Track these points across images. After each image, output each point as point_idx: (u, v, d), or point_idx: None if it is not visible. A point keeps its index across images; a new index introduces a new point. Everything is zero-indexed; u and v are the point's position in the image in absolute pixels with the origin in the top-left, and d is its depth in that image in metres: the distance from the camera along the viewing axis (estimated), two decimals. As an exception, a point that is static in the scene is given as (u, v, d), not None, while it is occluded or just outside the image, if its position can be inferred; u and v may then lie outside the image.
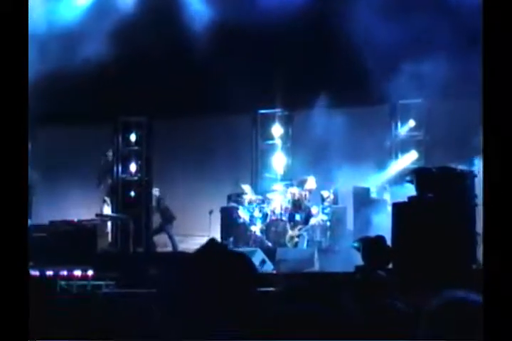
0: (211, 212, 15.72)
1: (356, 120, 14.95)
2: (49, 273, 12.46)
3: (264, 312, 2.02)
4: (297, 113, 16.97)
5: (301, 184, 15.45)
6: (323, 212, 15.08)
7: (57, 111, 15.71)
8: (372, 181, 15.28)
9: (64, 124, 16.92)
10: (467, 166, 11.00)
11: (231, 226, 15.34)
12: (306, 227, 14.92)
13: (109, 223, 15.93)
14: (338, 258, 12.82)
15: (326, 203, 15.18)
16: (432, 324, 2.46)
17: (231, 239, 15.14)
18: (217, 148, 16.70)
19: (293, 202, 15.18)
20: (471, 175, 10.28)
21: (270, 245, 14.71)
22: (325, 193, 15.23)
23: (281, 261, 13.51)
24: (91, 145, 16.78)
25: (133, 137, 16.75)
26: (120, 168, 16.67)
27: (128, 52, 15.07)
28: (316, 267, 13.50)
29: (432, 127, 15.39)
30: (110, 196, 16.75)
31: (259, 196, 15.60)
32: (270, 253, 13.72)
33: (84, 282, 12.24)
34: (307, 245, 14.70)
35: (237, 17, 14.37)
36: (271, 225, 15.06)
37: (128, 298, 7.91)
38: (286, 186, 15.62)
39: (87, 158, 16.71)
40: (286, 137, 17.05)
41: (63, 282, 11.73)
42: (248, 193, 15.62)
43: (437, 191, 9.70)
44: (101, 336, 3.84)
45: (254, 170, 17.12)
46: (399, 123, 16.22)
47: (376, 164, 15.54)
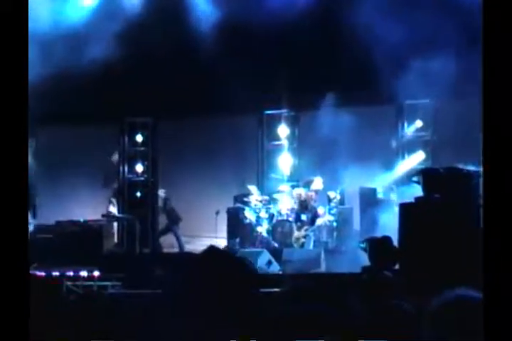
0: (217, 213, 15.70)
1: (363, 120, 14.90)
2: (55, 273, 12.47)
3: (267, 313, 2.00)
4: (303, 113, 16.92)
5: (307, 184, 15.43)
6: (329, 213, 15.05)
7: (63, 111, 15.72)
8: (378, 181, 15.25)
9: (70, 124, 16.92)
10: (474, 166, 10.95)
11: (237, 226, 15.33)
12: (313, 228, 14.89)
13: (115, 223, 15.94)
14: (345, 258, 12.79)
15: (333, 204, 15.15)
16: (433, 323, 2.44)
17: (237, 240, 15.13)
18: (223, 149, 16.68)
19: (299, 203, 15.15)
20: (478, 176, 10.23)
21: (276, 246, 14.69)
22: (331, 194, 15.20)
23: (287, 262, 13.49)
24: (97, 145, 16.78)
25: (139, 138, 16.76)
26: (126, 169, 16.68)
27: (134, 52, 15.07)
28: (323, 268, 13.48)
29: (439, 127, 15.34)
30: (116, 196, 16.76)
31: (265, 197, 15.57)
32: (276, 253, 13.70)
33: (90, 282, 12.24)
34: (313, 246, 14.67)
35: (242, 17, 14.35)
36: (277, 226, 15.03)
37: (134, 299, 7.89)
38: (292, 187, 15.59)
39: (93, 159, 16.70)
40: (292, 138, 17.01)
41: (69, 283, 11.73)
42: (254, 194, 15.59)
43: (444, 191, 9.65)
44: (106, 336, 3.81)
45: (260, 171, 17.09)
46: (406, 123, 16.18)
47: (383, 164, 15.51)
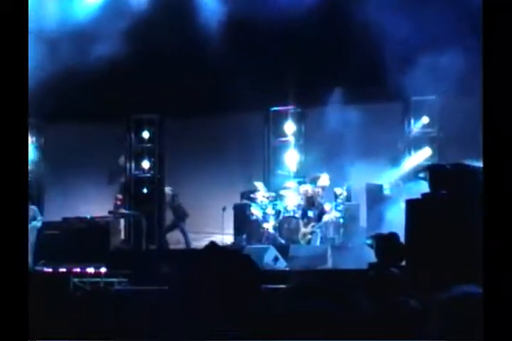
0: (224, 210, 15.70)
1: (369, 117, 14.87)
2: (62, 270, 12.52)
3: (271, 309, 2.00)
4: (310, 110, 16.91)
5: (314, 181, 15.41)
6: (336, 209, 15.03)
7: (70, 108, 15.75)
8: (385, 178, 15.22)
9: (77, 122, 16.94)
10: (481, 163, 10.92)
11: (244, 223, 15.33)
12: (319, 224, 14.89)
13: (121, 220, 15.96)
14: (351, 255, 12.77)
15: (339, 200, 15.13)
16: (439, 319, 2.44)
17: (244, 236, 15.13)
18: (229, 146, 16.67)
19: (306, 199, 15.14)
20: (485, 172, 10.20)
21: (283, 242, 14.69)
22: (338, 190, 15.18)
23: (294, 258, 13.48)
24: (104, 142, 16.80)
25: (146, 134, 16.79)
26: (133, 165, 16.71)
27: (140, 49, 15.08)
28: (329, 264, 13.47)
29: (446, 124, 15.31)
30: (123, 193, 16.79)
31: (272, 193, 15.56)
32: (283, 250, 13.70)
33: (97, 279, 12.27)
34: (320, 242, 14.66)
35: (249, 13, 14.33)
36: (284, 222, 15.03)
37: (140, 295, 7.91)
38: (299, 183, 15.59)
39: (100, 156, 16.72)
40: (299, 134, 16.99)
41: (76, 279, 11.76)
42: (261, 190, 15.58)
43: (451, 188, 9.63)
44: (113, 333, 3.83)
45: (266, 168, 17.08)
46: (412, 119, 16.14)
47: (389, 161, 15.48)
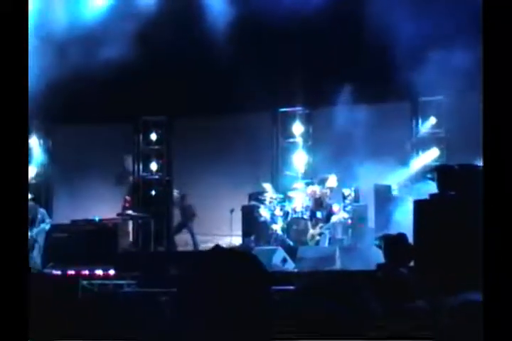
0: (232, 211, 15.69)
1: (377, 117, 14.86)
2: (71, 272, 12.53)
3: (281, 310, 2.00)
4: (318, 111, 16.91)
5: (322, 182, 15.39)
6: (344, 210, 15.01)
7: (78, 111, 15.79)
8: (393, 179, 15.20)
9: (85, 124, 16.97)
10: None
11: (252, 224, 15.32)
12: (328, 225, 14.86)
13: (130, 222, 15.97)
14: (360, 256, 12.75)
15: (348, 201, 15.11)
16: (452, 321, 2.44)
17: (252, 238, 15.12)
18: (237, 147, 16.66)
19: (314, 200, 15.12)
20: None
21: (291, 243, 14.68)
22: (346, 191, 15.16)
23: (302, 260, 13.47)
24: (112, 144, 16.83)
25: (154, 136, 16.81)
26: (141, 167, 16.73)
27: (148, 51, 15.11)
28: (338, 265, 13.45)
29: (454, 124, 15.27)
30: (131, 195, 16.81)
31: (280, 194, 15.56)
32: (291, 251, 13.69)
33: (105, 281, 12.28)
34: (328, 243, 14.64)
35: (257, 15, 14.35)
36: (292, 223, 15.02)
37: (149, 298, 7.91)
38: (307, 184, 15.57)
39: (108, 158, 16.75)
40: (307, 135, 17.00)
41: (85, 281, 11.78)
42: (269, 192, 15.58)
43: (459, 188, 9.61)
44: (121, 335, 3.83)
45: (275, 169, 17.09)
46: (420, 120, 16.14)
47: (397, 161, 15.45)
